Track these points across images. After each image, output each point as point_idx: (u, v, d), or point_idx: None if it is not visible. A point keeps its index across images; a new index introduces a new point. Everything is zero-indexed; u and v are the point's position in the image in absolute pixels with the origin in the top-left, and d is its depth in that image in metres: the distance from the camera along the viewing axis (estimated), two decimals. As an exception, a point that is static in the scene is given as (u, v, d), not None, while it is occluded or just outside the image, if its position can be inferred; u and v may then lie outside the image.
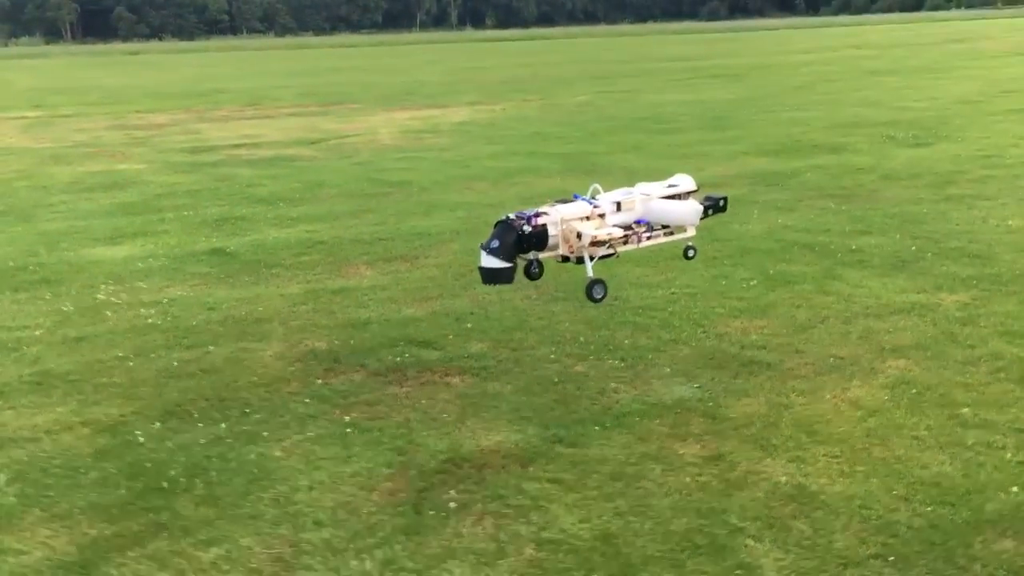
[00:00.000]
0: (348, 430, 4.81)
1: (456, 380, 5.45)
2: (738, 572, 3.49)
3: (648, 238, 5.31)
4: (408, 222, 9.88)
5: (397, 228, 9.59)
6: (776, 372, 5.35)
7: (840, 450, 4.39)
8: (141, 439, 4.77)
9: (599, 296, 5.07)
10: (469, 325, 6.36)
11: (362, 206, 10.88)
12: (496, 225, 5.06)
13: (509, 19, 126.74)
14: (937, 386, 5.04)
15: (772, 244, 8.23)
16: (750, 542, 3.67)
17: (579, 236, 5.05)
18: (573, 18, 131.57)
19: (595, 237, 5.00)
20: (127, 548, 3.78)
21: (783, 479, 4.14)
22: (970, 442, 4.40)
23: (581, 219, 5.09)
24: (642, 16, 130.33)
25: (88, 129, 20.45)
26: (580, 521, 3.87)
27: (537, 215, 5.03)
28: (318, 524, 3.92)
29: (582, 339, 6.01)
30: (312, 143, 17.07)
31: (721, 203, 5.66)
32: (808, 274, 7.24)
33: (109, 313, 6.96)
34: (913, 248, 7.81)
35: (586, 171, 12.56)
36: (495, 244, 4.94)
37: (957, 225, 8.53)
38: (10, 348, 6.20)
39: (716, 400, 5.01)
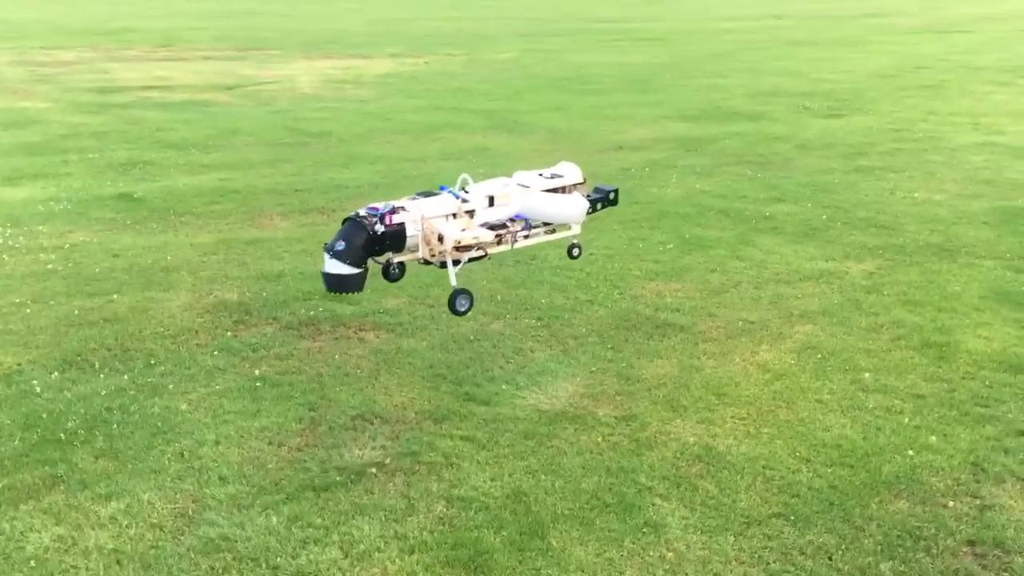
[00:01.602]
0: (258, 384, 4.71)
1: (371, 336, 5.38)
2: (645, 530, 3.54)
3: (525, 237, 4.70)
4: (326, 174, 9.67)
5: (315, 179, 9.39)
6: (689, 335, 5.43)
7: (747, 412, 4.48)
8: (38, 389, 4.58)
9: (463, 308, 4.50)
10: (384, 280, 6.27)
11: (279, 155, 10.61)
12: (344, 223, 4.34)
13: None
14: (841, 351, 5.18)
15: (689, 208, 8.32)
16: (658, 500, 3.73)
17: (441, 239, 4.32)
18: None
19: (459, 241, 4.30)
20: (20, 501, 3.63)
21: (692, 439, 4.22)
22: (870, 406, 4.54)
23: (445, 217, 4.39)
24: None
25: (-13, 63, 19.41)
26: (491, 479, 3.87)
27: (394, 211, 4.28)
28: (223, 479, 3.83)
29: (499, 297, 5.99)
30: (228, 88, 16.53)
31: (611, 196, 5.14)
32: (723, 239, 7.35)
33: (6, 257, 6.65)
34: (824, 217, 7.99)
35: (509, 128, 12.48)
36: (340, 246, 4.20)
37: (866, 196, 8.76)
38: None
39: (629, 361, 5.06)
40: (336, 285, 4.34)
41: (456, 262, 4.48)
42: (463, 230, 4.38)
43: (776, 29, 30.60)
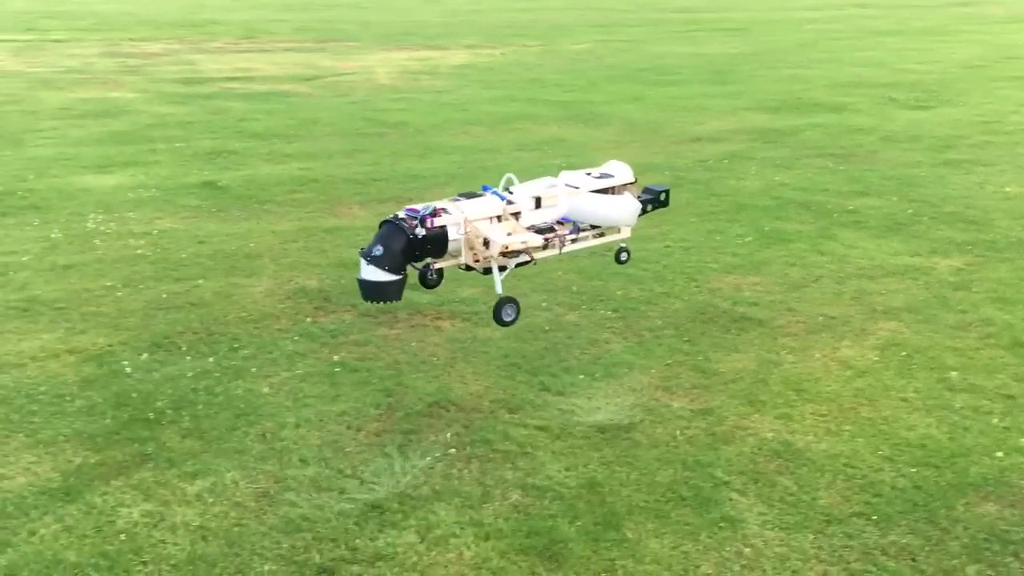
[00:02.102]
0: (336, 369, 4.79)
1: (446, 324, 5.43)
2: (721, 524, 3.51)
3: (573, 241, 4.40)
4: (403, 164, 9.77)
5: (391, 169, 9.49)
6: (767, 329, 5.34)
7: (828, 409, 4.40)
8: (128, 369, 4.74)
9: (509, 318, 4.22)
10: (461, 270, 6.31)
11: (357, 145, 10.75)
12: (381, 226, 4.08)
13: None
14: (927, 349, 5.04)
15: (768, 201, 8.18)
16: (735, 496, 3.69)
17: (486, 243, 4.04)
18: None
19: (506, 246, 4.02)
20: (111, 477, 3.77)
21: (770, 435, 4.16)
22: (957, 406, 4.41)
23: (490, 220, 4.13)
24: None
25: (80, 55, 20.07)
26: (566, 469, 3.87)
27: (435, 213, 4.01)
28: (304, 461, 3.92)
29: (574, 288, 5.98)
30: (307, 79, 16.81)
31: (662, 197, 4.84)
32: (803, 233, 7.21)
33: (98, 242, 6.88)
34: (909, 211, 7.77)
35: (584, 119, 12.43)
36: (378, 251, 3.93)
37: (954, 190, 8.49)
38: (-3, 273, 6.14)
39: (706, 355, 5.00)
40: (373, 293, 4.05)
41: (503, 268, 4.21)
42: (509, 234, 4.10)
43: (860, 18, 29.83)
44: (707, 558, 3.33)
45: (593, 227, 4.55)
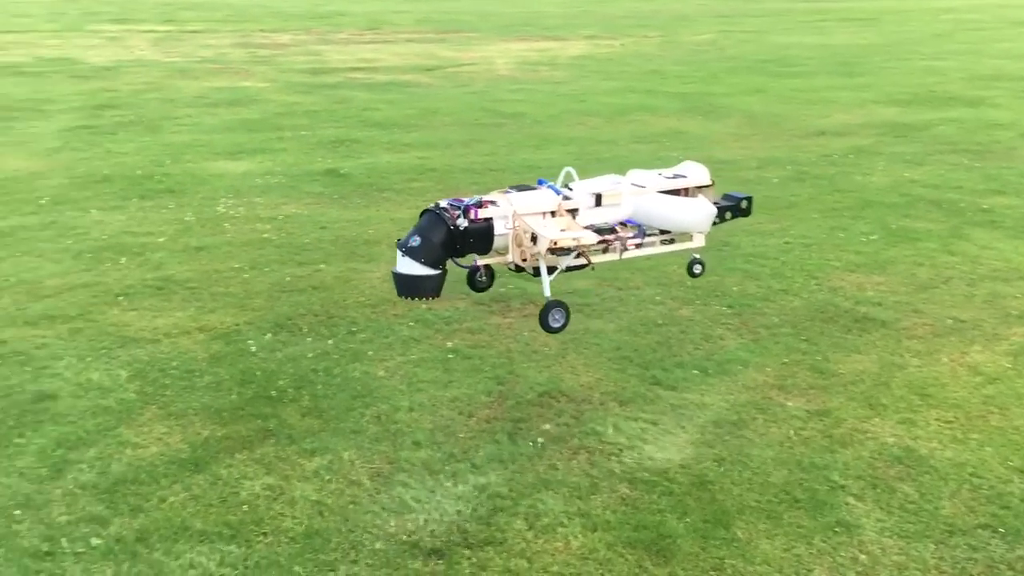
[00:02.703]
0: (450, 356, 4.87)
1: (559, 314, 5.44)
2: (836, 529, 3.41)
3: (637, 246, 4.01)
4: (519, 154, 9.82)
5: (508, 159, 9.56)
6: (891, 331, 5.15)
7: (954, 415, 4.22)
8: (253, 348, 4.94)
9: (557, 325, 3.89)
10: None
11: (474, 135, 10.87)
12: (421, 216, 3.80)
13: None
14: (1066, 358, 4.77)
15: (896, 198, 7.88)
16: (851, 500, 3.58)
17: (534, 239, 3.70)
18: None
19: (555, 242, 3.66)
20: (236, 450, 3.94)
21: (891, 440, 4.01)
22: (1097, 419, 4.16)
23: (542, 215, 3.79)
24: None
25: (214, 46, 20.94)
26: (677, 464, 3.84)
27: (481, 204, 3.71)
28: (417, 444, 4.00)
29: (689, 283, 5.89)
30: (428, 70, 17.08)
31: (743, 205, 4.38)
32: (933, 231, 6.91)
33: (228, 225, 7.18)
34: (1051, 211, 7.35)
35: (704, 112, 12.23)
36: (415, 242, 3.65)
37: (1102, 190, 7.98)
38: (135, 253, 6.47)
39: (825, 355, 4.87)
40: (408, 288, 3.74)
41: (552, 270, 3.87)
42: (562, 231, 3.74)
43: (1001, 7, 28.30)
44: (820, 562, 3.25)
45: (662, 232, 4.14)
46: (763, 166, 9.14)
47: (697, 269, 4.33)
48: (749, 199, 4.40)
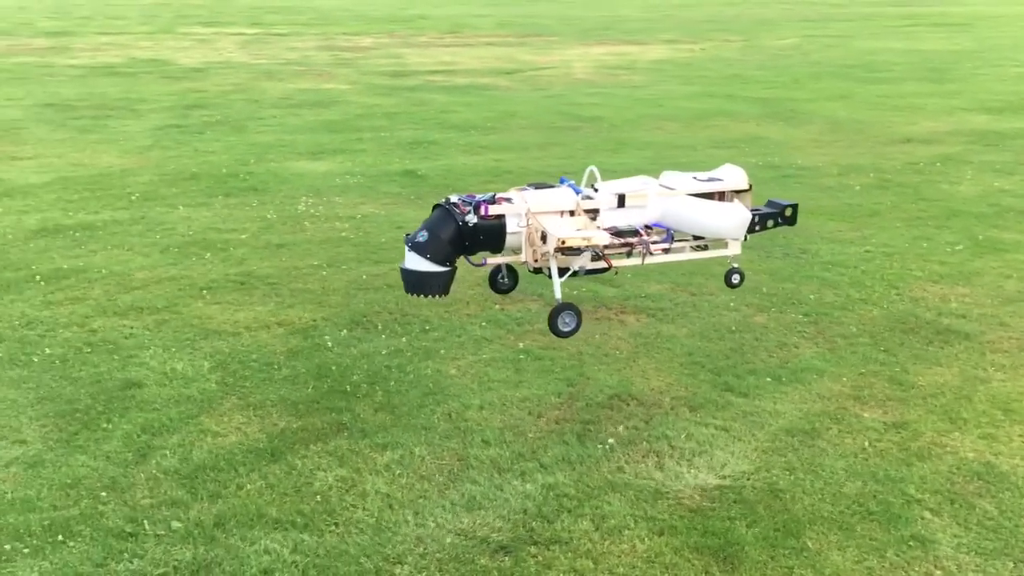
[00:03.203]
0: (521, 356, 4.90)
1: (631, 319, 5.43)
2: (911, 543, 3.34)
3: (665, 250, 3.81)
4: (595, 158, 9.77)
5: (584, 163, 9.47)
6: (974, 344, 5.01)
7: (1039, 433, 4.08)
8: (329, 343, 5.05)
9: (567, 329, 3.72)
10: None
11: (551, 139, 10.90)
12: (433, 210, 3.72)
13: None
14: None
15: (984, 208, 7.64)
16: (927, 515, 3.50)
17: (544, 238, 3.57)
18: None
19: (562, 241, 3.52)
20: (311, 442, 4.03)
21: (971, 455, 3.90)
22: None
23: (560, 214, 3.63)
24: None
25: (299, 48, 21.41)
26: (747, 472, 3.80)
27: (494, 200, 3.59)
28: (486, 442, 4.04)
29: (764, 290, 5.83)
30: (507, 73, 17.18)
31: (788, 212, 4.14)
32: (1023, 243, 6.69)
33: (307, 224, 7.35)
34: None
35: (785, 117, 12.04)
36: (422, 237, 3.56)
37: None
38: (219, 248, 6.67)
39: (904, 366, 4.76)
40: (414, 285, 3.64)
41: (564, 271, 3.68)
42: (577, 231, 3.60)
43: (1104, 12, 27.20)
44: (893, 577, 3.18)
45: (696, 238, 3.95)
46: (845, 173, 8.96)
47: (735, 279, 4.13)
48: (794, 206, 4.22)
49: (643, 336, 5.19)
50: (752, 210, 4.07)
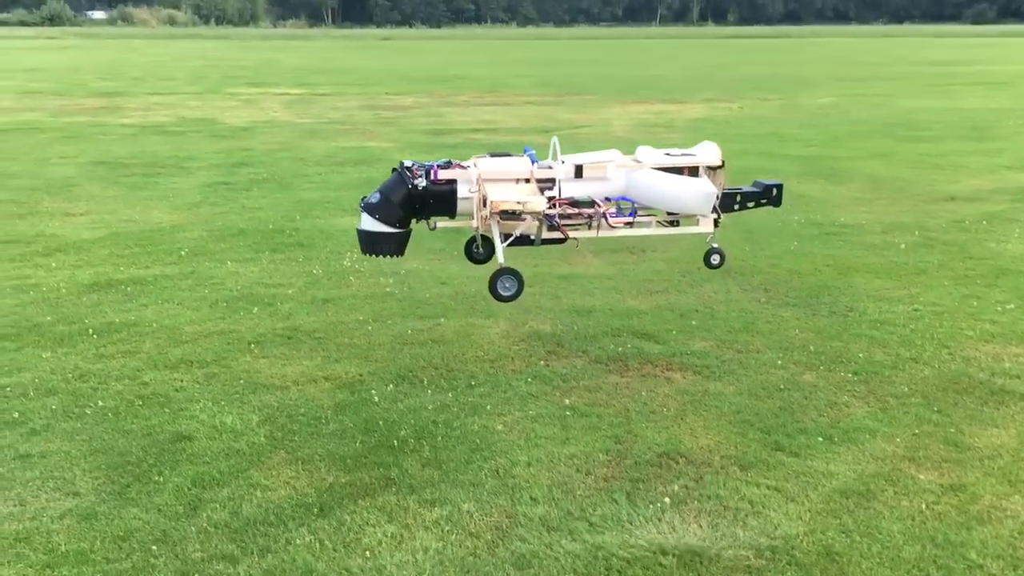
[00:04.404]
0: (567, 413, 4.88)
1: (677, 376, 5.40)
2: (974, 611, 3.25)
3: (629, 224, 3.79)
4: (637, 215, 9.84)
5: (626, 220, 9.58)
6: (1031, 405, 4.91)
7: (1103, 497, 3.97)
8: (376, 398, 5.07)
9: (508, 293, 3.80)
10: (694, 322, 6.27)
11: (592, 196, 10.95)
12: (391, 173, 3.77)
13: (753, 16, 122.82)
14: None
15: (1034, 267, 7.54)
16: (990, 582, 3.40)
17: (486, 203, 3.68)
18: (822, 16, 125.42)
19: (495, 204, 3.59)
20: (359, 497, 4.03)
21: (1033, 520, 3.80)
22: None
23: (510, 181, 3.68)
24: (898, 17, 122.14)
25: (343, 108, 21.86)
26: (802, 533, 3.73)
27: (449, 165, 3.67)
28: (534, 500, 4.01)
29: (812, 348, 5.78)
30: (546, 131, 17.37)
31: (773, 192, 4.12)
32: (1076, 302, 6.57)
33: (353, 279, 7.43)
34: None
35: (825, 175, 12.02)
36: (374, 199, 3.64)
37: None
38: (266, 303, 6.76)
39: (959, 427, 4.67)
40: (367, 244, 3.71)
41: (508, 237, 3.72)
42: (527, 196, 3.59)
43: None
44: (957, 645, 3.09)
45: (670, 214, 3.90)
46: (889, 231, 8.90)
47: (715, 260, 4.12)
48: (779, 187, 4.14)
49: (690, 393, 5.15)
50: (733, 190, 4.05)
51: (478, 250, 3.99)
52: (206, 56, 46.25)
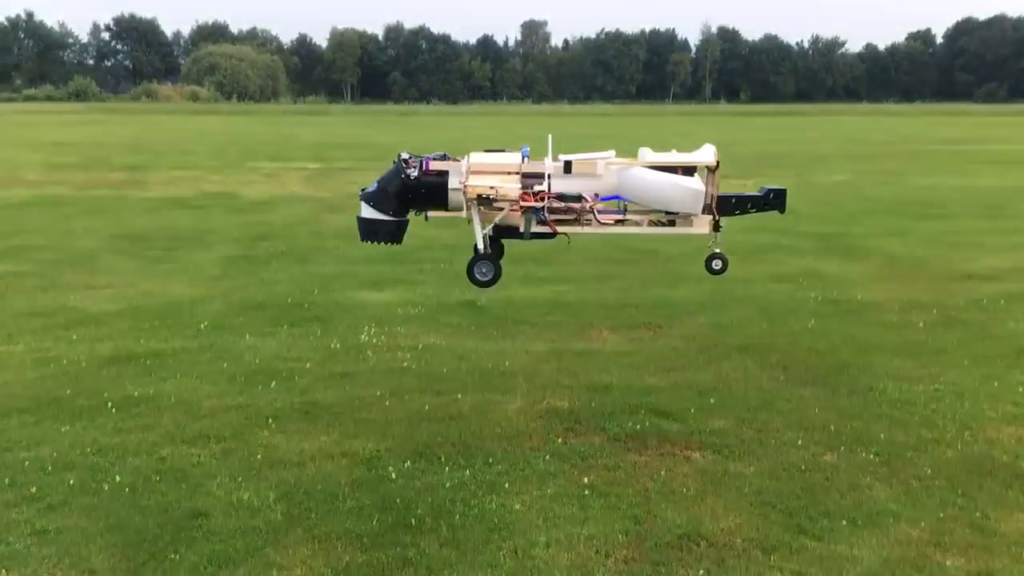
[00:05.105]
0: (586, 492, 4.84)
1: (697, 455, 5.36)
2: None
3: (621, 222, 3.91)
4: (653, 291, 9.88)
5: (642, 296, 9.62)
6: (1058, 489, 4.83)
7: None
8: (392, 475, 5.05)
9: (485, 278, 4.01)
10: (712, 400, 6.24)
11: (608, 271, 11.02)
12: (392, 164, 4.06)
13: (765, 94, 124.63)
14: None
15: (1055, 347, 7.49)
16: (1023, 675, 3.31)
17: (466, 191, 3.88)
18: (833, 95, 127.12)
19: (469, 189, 3.82)
20: (376, 577, 3.99)
21: (1064, 610, 3.72)
22: None
23: (500, 174, 3.91)
24: (909, 96, 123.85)
25: (361, 182, 22.09)
26: (826, 621, 3.65)
27: (444, 158, 3.92)
28: (553, 582, 3.96)
29: (832, 428, 5.73)
30: (562, 207, 17.53)
31: (772, 196, 4.09)
32: (1099, 383, 6.51)
33: (370, 353, 7.45)
34: None
35: (842, 253, 12.06)
36: (372, 188, 3.92)
37: None
38: (284, 377, 6.78)
39: (984, 511, 4.59)
40: (364, 231, 4.00)
41: (483, 224, 3.94)
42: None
43: None
44: None
45: (668, 214, 3.97)
46: (906, 309, 8.88)
47: (716, 264, 4.17)
48: (783, 192, 4.18)
49: (710, 473, 5.10)
50: (734, 195, 4.16)
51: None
52: (228, 131, 47.19)
